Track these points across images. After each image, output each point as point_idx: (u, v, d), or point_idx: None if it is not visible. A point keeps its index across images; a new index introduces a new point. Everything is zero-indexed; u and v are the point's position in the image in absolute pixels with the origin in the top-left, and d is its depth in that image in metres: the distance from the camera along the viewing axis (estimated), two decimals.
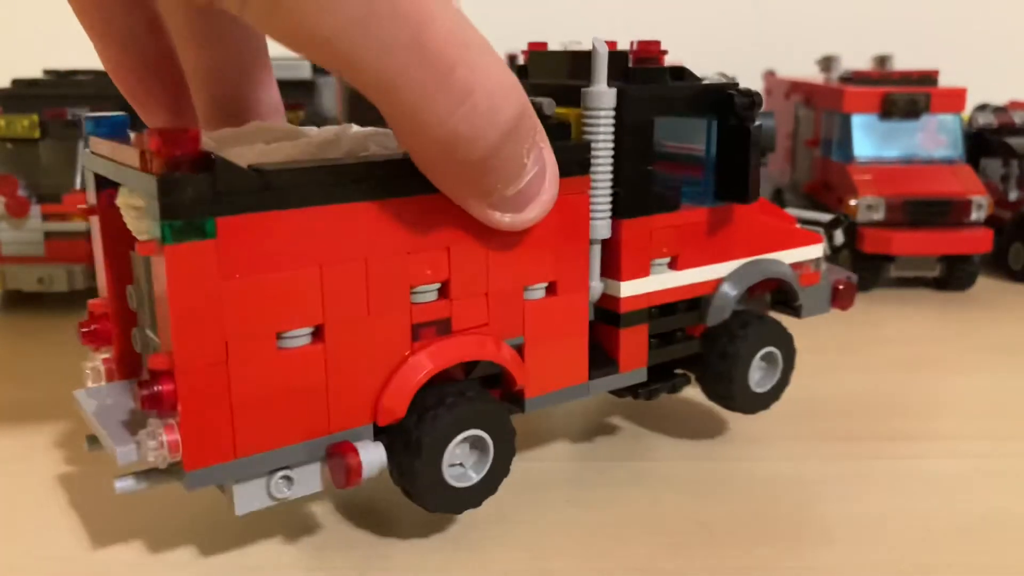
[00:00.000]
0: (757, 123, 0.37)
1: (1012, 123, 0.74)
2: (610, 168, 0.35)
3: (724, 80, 0.39)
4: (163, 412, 0.28)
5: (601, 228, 0.35)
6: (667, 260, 0.38)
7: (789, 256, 0.42)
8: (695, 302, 0.40)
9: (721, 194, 0.38)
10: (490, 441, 0.33)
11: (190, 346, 0.27)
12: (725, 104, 0.37)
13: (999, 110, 0.75)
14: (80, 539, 0.35)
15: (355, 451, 0.30)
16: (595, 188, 0.35)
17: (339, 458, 0.30)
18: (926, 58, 0.79)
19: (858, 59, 0.79)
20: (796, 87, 0.80)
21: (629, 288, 0.36)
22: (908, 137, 0.69)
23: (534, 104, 0.33)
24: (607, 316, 0.37)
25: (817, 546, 0.34)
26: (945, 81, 0.70)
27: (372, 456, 0.31)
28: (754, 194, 0.37)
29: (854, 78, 0.72)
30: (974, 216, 0.66)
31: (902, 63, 0.77)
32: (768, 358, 0.41)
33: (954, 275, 0.67)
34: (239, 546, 0.34)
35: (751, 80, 0.85)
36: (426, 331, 0.32)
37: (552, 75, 0.40)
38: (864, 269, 0.66)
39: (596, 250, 0.36)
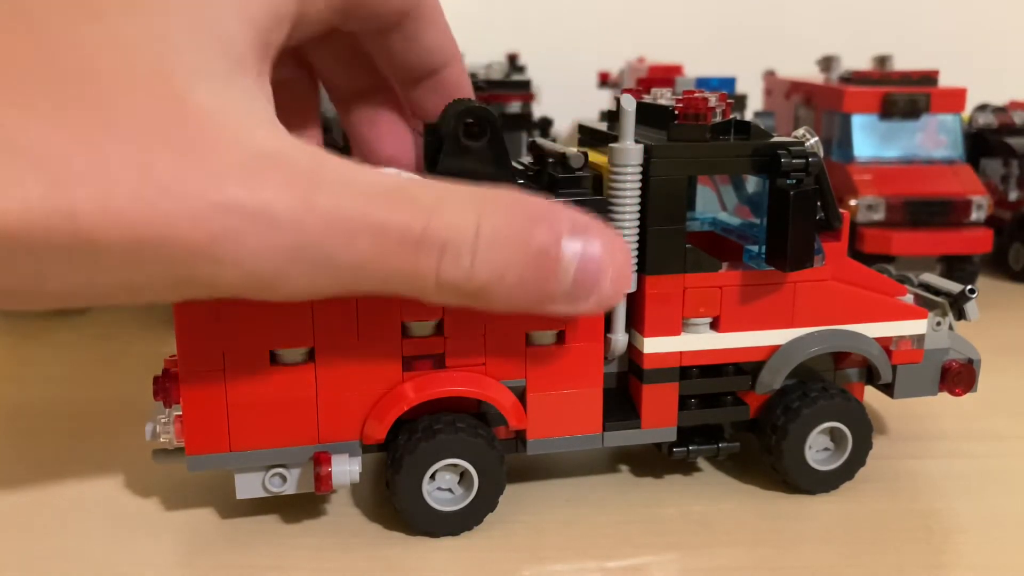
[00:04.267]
0: (806, 188, 0.34)
1: (1012, 123, 0.74)
2: (636, 224, 0.34)
3: (801, 137, 0.36)
4: (169, 404, 0.33)
5: None
6: (707, 320, 0.36)
7: (877, 329, 0.38)
8: (746, 367, 0.37)
9: (768, 258, 0.35)
10: (474, 473, 0.34)
11: (191, 354, 0.32)
12: (773, 164, 0.34)
13: (999, 110, 0.75)
14: (79, 539, 0.35)
15: (328, 462, 0.33)
16: None
17: (315, 466, 0.33)
18: (926, 58, 0.79)
19: (858, 59, 0.79)
20: (796, 87, 0.80)
21: (653, 344, 0.36)
22: (908, 137, 0.69)
23: (559, 154, 0.34)
24: (636, 370, 0.37)
25: (815, 545, 0.34)
26: (945, 81, 0.70)
27: (343, 469, 0.34)
28: (795, 263, 0.34)
29: (854, 78, 0.72)
30: (974, 216, 0.66)
31: (902, 63, 0.77)
32: (832, 434, 0.38)
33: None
34: (239, 547, 0.34)
35: (751, 80, 0.85)
36: (421, 363, 0.34)
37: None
38: None
39: (621, 303, 0.35)
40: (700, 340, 0.36)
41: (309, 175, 0.25)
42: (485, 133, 0.33)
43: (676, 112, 0.35)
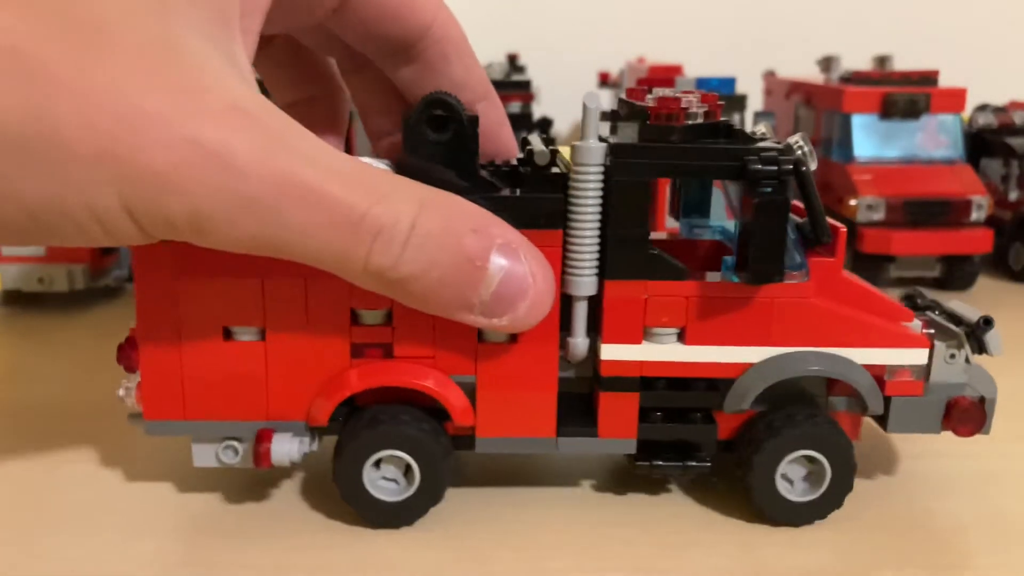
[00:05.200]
0: (774, 196, 0.32)
1: (1012, 123, 0.74)
2: (596, 225, 0.33)
3: (795, 144, 0.33)
4: (130, 370, 0.35)
5: (585, 285, 0.34)
6: (674, 331, 0.35)
7: (867, 356, 0.35)
8: (719, 384, 0.35)
9: (737, 269, 0.34)
10: (415, 465, 0.35)
11: (149, 324, 0.34)
12: (743, 169, 0.32)
13: (999, 110, 0.75)
14: (78, 539, 0.35)
15: (269, 439, 0.34)
16: (578, 244, 0.33)
17: (255, 442, 0.35)
18: (926, 58, 0.79)
19: (858, 59, 0.79)
20: (796, 87, 0.80)
21: (611, 351, 0.35)
22: (908, 137, 0.69)
23: (531, 152, 0.33)
24: (596, 376, 0.36)
25: (813, 546, 0.34)
26: (945, 81, 0.70)
27: (283, 447, 0.35)
28: (758, 276, 0.33)
29: (854, 78, 0.72)
30: (974, 216, 0.66)
31: (902, 63, 0.77)
32: (807, 464, 0.35)
33: (954, 275, 0.67)
34: (238, 546, 0.34)
35: (751, 80, 0.85)
36: (372, 352, 0.35)
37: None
38: (864, 269, 0.66)
39: (581, 306, 0.34)
40: (664, 351, 0.35)
41: (274, 136, 0.27)
42: (450, 126, 0.32)
43: (648, 112, 0.34)
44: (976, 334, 0.37)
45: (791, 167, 0.32)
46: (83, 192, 0.25)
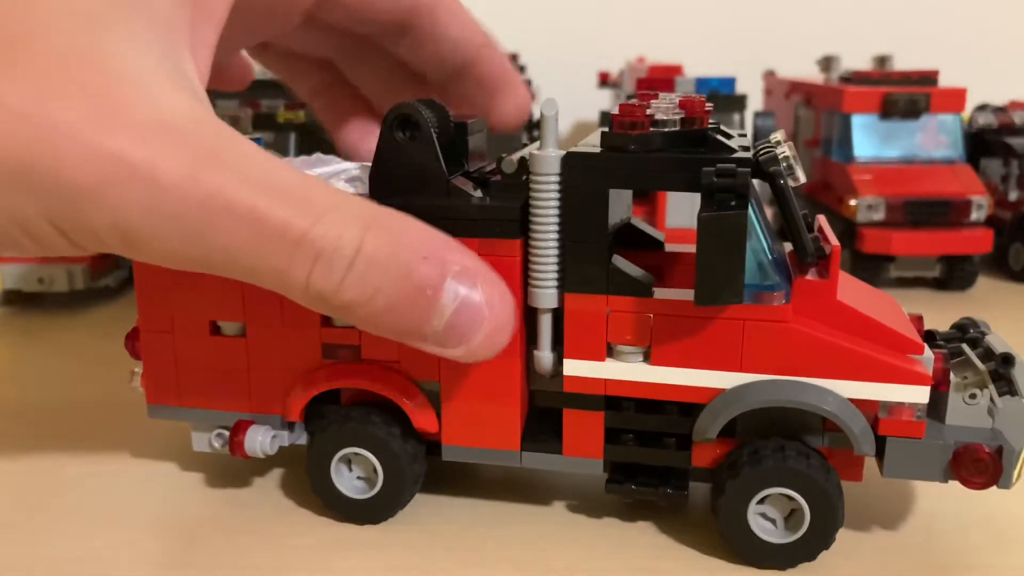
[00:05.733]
0: (728, 211, 0.29)
1: (1012, 123, 0.74)
2: (555, 236, 0.32)
3: (782, 157, 0.31)
4: (135, 356, 0.38)
5: (546, 297, 0.33)
6: (640, 349, 0.33)
7: (856, 390, 0.32)
8: (691, 409, 0.33)
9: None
10: (376, 463, 0.35)
11: (148, 316, 0.37)
12: (700, 182, 0.30)
13: (999, 110, 0.75)
14: (80, 539, 0.35)
15: (243, 431, 0.36)
16: (539, 255, 0.32)
17: (231, 432, 0.36)
18: (926, 58, 0.79)
19: (858, 59, 0.79)
20: (796, 87, 0.80)
21: (573, 367, 0.33)
22: (908, 137, 0.69)
23: (500, 159, 0.33)
24: (561, 392, 0.34)
25: None
26: (945, 81, 0.70)
27: (256, 440, 0.36)
28: (706, 296, 0.30)
29: (854, 78, 0.72)
30: (974, 216, 0.66)
31: (902, 63, 0.77)
32: (783, 504, 0.33)
33: (954, 275, 0.67)
34: (239, 547, 0.34)
35: (751, 80, 0.85)
36: (344, 353, 0.36)
37: None
38: (864, 269, 0.66)
39: (545, 319, 0.33)
40: (629, 370, 0.33)
41: (204, 150, 0.26)
42: (419, 136, 0.32)
43: (611, 119, 0.32)
44: (999, 371, 0.32)
45: (747, 181, 0.30)
46: (5, 204, 0.25)
